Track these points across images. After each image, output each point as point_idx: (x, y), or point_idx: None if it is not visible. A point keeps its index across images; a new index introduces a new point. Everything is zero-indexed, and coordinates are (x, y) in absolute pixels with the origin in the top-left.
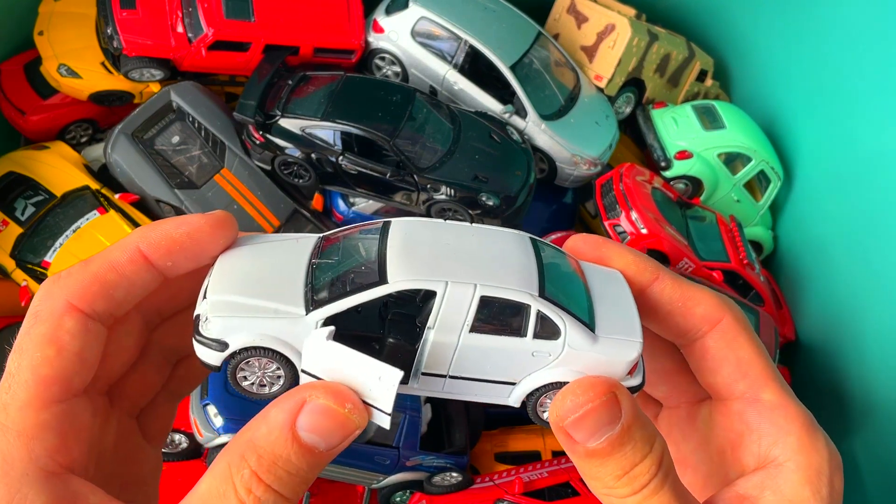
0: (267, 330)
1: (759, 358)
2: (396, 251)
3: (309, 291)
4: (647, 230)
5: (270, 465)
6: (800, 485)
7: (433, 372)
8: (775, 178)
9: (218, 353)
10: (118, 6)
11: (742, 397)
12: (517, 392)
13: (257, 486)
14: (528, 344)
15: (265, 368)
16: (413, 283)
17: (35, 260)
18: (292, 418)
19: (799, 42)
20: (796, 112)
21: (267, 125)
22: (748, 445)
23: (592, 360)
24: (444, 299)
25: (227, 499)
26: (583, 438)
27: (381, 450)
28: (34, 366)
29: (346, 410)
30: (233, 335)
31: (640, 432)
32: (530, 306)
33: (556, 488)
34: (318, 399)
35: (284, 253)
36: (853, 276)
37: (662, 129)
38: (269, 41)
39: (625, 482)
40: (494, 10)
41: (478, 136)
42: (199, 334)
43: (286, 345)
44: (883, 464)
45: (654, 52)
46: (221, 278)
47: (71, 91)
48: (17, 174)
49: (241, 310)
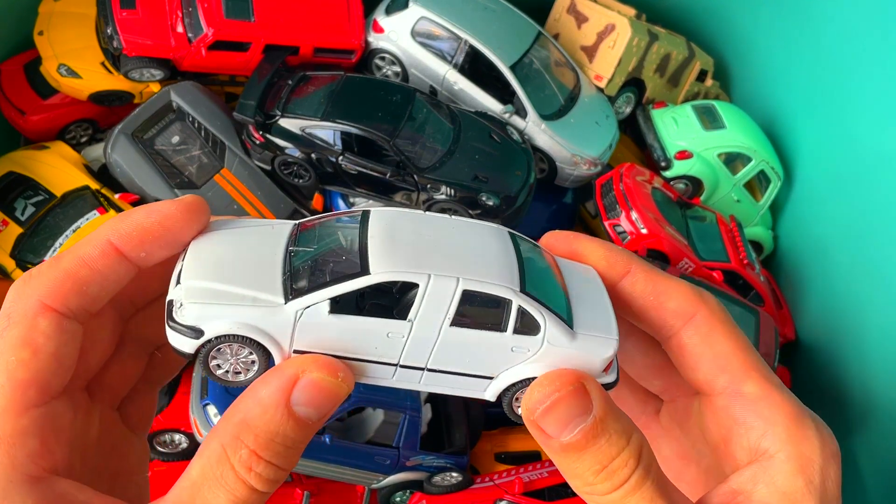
0: (245, 318)
1: (738, 350)
2: (378, 242)
3: (287, 280)
4: (648, 230)
5: (268, 442)
6: (792, 475)
7: (412, 364)
8: (775, 178)
9: (192, 340)
10: (118, 6)
11: (724, 392)
12: (494, 387)
13: (257, 463)
14: (507, 339)
15: (237, 355)
16: (396, 276)
17: (35, 260)
18: (286, 396)
19: (799, 42)
20: (796, 112)
21: (267, 125)
22: (738, 440)
23: (569, 356)
24: (426, 292)
25: (225, 480)
26: (555, 431)
27: (381, 450)
28: (10, 370)
29: (340, 379)
30: (208, 322)
31: (615, 425)
32: (511, 301)
33: (556, 488)
34: (312, 373)
35: (260, 239)
36: (853, 276)
37: (662, 129)
38: (269, 41)
39: (604, 477)
40: (494, 10)
41: (478, 136)
42: (173, 321)
43: (263, 333)
44: (883, 464)
45: (654, 52)
46: (195, 264)
47: (71, 91)
48: (17, 174)
49: (217, 296)
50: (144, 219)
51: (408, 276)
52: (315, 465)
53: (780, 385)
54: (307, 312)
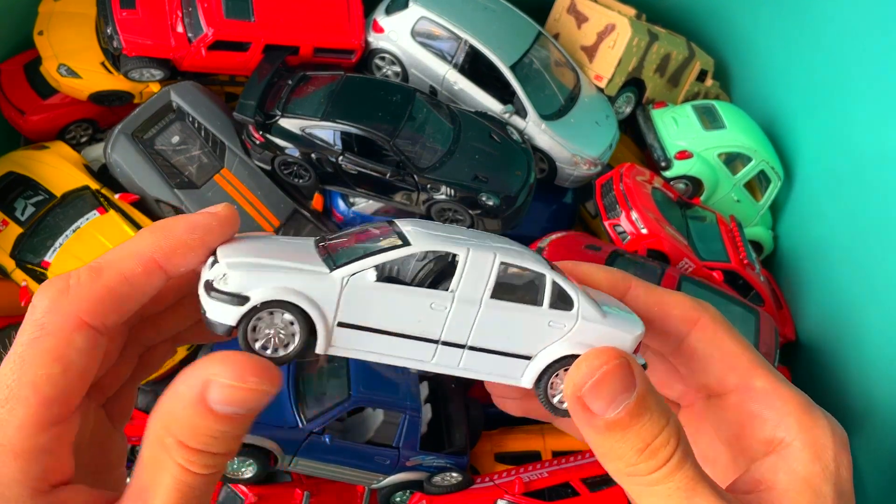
0: (291, 283)
1: (743, 350)
2: (413, 230)
3: (327, 258)
4: (648, 230)
5: (192, 433)
6: (809, 462)
7: (453, 341)
8: (775, 178)
9: (235, 308)
10: (118, 6)
11: (736, 389)
12: (532, 368)
13: (185, 452)
14: (544, 314)
15: (276, 327)
16: (436, 246)
17: (35, 260)
18: (201, 395)
19: (799, 42)
20: (796, 112)
21: (267, 125)
22: (753, 433)
23: (603, 333)
24: (466, 263)
25: (162, 463)
26: (600, 408)
27: (381, 450)
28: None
29: (249, 385)
30: (254, 289)
31: (656, 403)
32: (545, 276)
33: (556, 488)
34: (219, 379)
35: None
36: (853, 276)
37: (662, 129)
38: (269, 41)
39: (647, 455)
40: (494, 9)
41: (478, 136)
42: (215, 291)
43: (309, 301)
44: (883, 463)
45: (654, 52)
46: (230, 250)
47: (71, 91)
48: (17, 174)
49: (261, 267)
50: (188, 235)
51: (448, 248)
52: (315, 465)
53: (786, 380)
54: (353, 280)
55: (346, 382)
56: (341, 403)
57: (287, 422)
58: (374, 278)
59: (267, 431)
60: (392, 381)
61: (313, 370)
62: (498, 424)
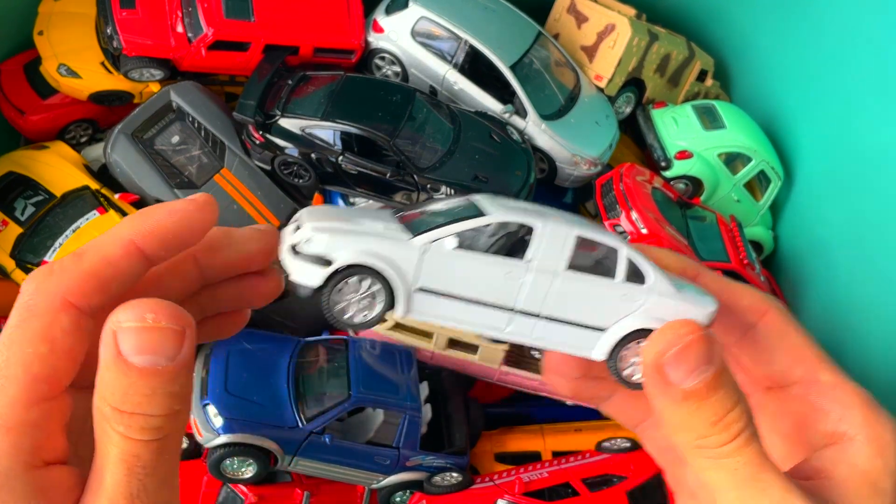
0: (375, 247)
1: (810, 343)
2: (489, 202)
3: (408, 226)
4: (648, 230)
5: (122, 396)
6: (871, 457)
7: (528, 310)
8: (775, 178)
9: (321, 269)
10: (118, 6)
11: (801, 381)
12: (605, 340)
13: (121, 417)
14: (618, 286)
15: (358, 292)
16: (514, 217)
17: (35, 260)
18: (114, 351)
19: (799, 42)
20: (796, 112)
21: (267, 125)
22: (814, 425)
23: (678, 308)
24: (543, 234)
25: (107, 435)
26: (680, 378)
27: (381, 450)
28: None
29: (156, 324)
30: (338, 252)
31: (730, 380)
32: (619, 250)
33: (556, 488)
34: (125, 323)
35: (370, 210)
36: (853, 276)
37: (662, 129)
38: (269, 41)
39: (720, 428)
40: (494, 9)
41: (478, 136)
42: (299, 253)
43: (392, 265)
44: None
45: (654, 51)
46: (313, 216)
47: (71, 91)
48: (17, 174)
49: (345, 231)
50: (166, 218)
51: (525, 219)
52: (315, 465)
53: (849, 376)
54: (433, 247)
55: (346, 382)
56: (341, 403)
57: (287, 422)
58: (454, 245)
59: (267, 431)
60: (392, 381)
61: (313, 370)
62: (498, 424)
